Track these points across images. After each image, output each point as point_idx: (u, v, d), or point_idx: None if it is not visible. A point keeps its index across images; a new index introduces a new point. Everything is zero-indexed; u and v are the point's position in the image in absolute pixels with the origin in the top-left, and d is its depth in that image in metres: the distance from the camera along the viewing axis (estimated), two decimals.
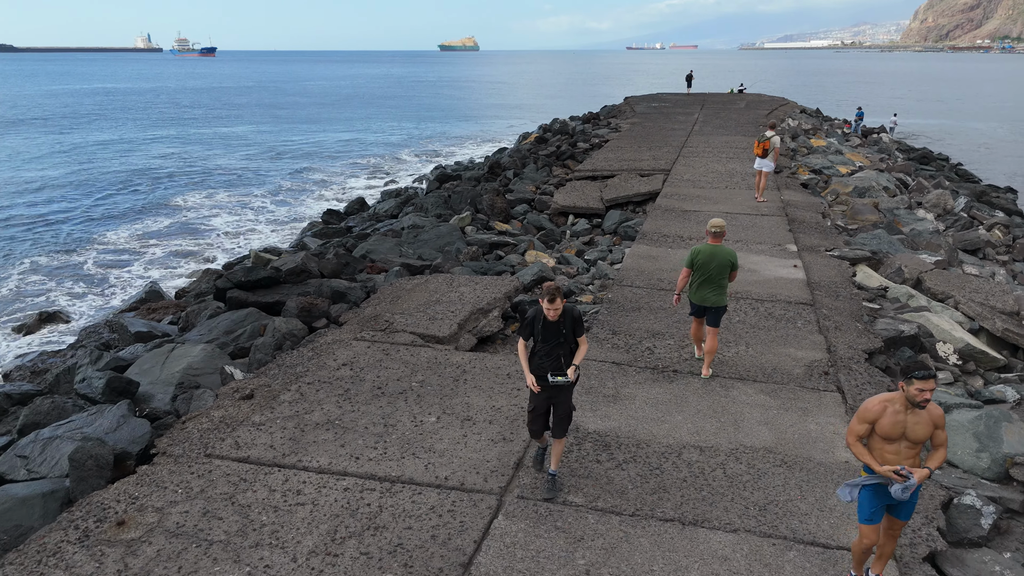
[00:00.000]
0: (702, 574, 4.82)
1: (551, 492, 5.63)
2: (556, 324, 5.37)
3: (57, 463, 7.02)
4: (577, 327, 5.45)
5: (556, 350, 5.40)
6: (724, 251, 7.50)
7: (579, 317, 5.47)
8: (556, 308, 5.26)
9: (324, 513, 5.46)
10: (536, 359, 5.47)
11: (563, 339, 5.41)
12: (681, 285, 7.75)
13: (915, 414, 4.36)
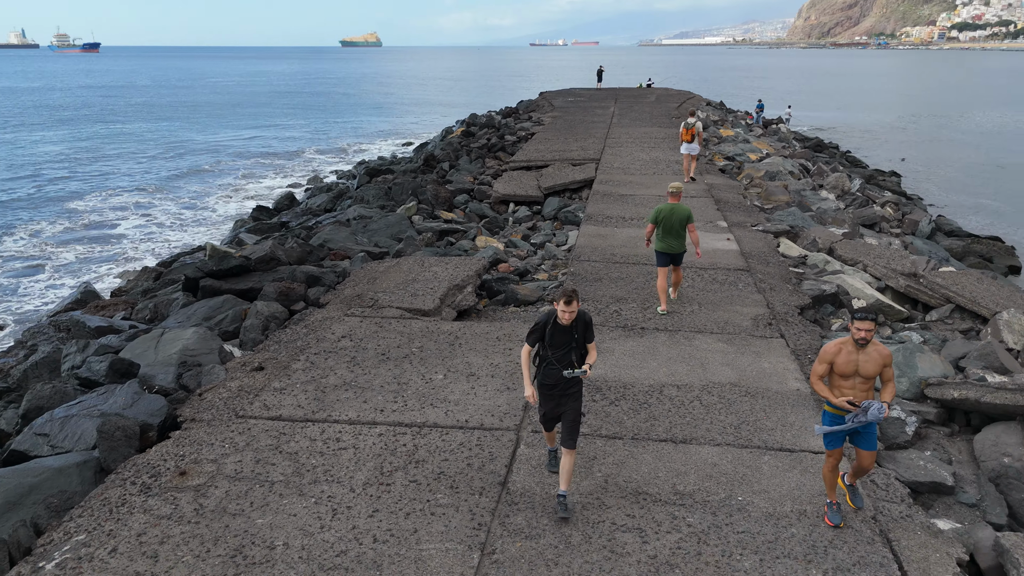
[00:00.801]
0: (698, 476, 5.86)
1: (564, 513, 5.38)
2: (568, 329, 5.25)
3: (80, 438, 7.37)
4: (588, 333, 5.36)
5: (567, 356, 5.28)
6: (682, 208, 9.11)
7: (590, 322, 5.39)
8: (572, 311, 5.14)
9: (366, 454, 6.18)
10: (545, 366, 5.34)
11: (574, 344, 5.30)
12: (648, 235, 9.43)
13: (865, 353, 5.16)
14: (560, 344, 5.26)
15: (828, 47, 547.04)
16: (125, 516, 5.50)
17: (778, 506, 5.49)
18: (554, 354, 5.28)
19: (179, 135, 47.76)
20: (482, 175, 21.80)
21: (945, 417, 7.42)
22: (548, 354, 5.31)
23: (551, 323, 5.27)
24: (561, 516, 5.35)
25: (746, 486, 5.72)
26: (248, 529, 5.24)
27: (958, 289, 11.44)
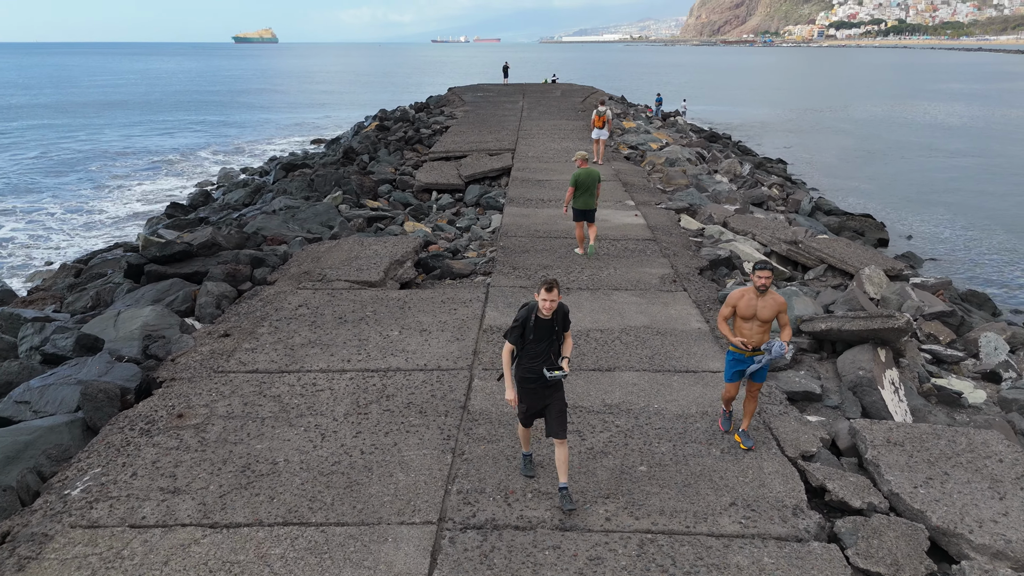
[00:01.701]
0: (622, 393, 7.16)
1: (569, 505, 5.39)
2: (549, 322, 5.25)
3: (61, 403, 7.97)
4: (565, 323, 5.39)
5: (547, 349, 5.28)
6: (592, 171, 11.39)
7: (567, 313, 5.41)
8: (554, 299, 5.15)
9: (342, 393, 7.15)
10: (525, 361, 5.33)
11: (554, 337, 5.30)
12: (568, 199, 11.47)
13: (764, 300, 6.02)
14: (542, 337, 5.25)
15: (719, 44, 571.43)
16: (135, 452, 6.28)
17: (685, 410, 6.85)
18: (535, 348, 5.25)
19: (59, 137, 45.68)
20: (403, 166, 22.66)
21: (816, 346, 9.06)
22: (529, 349, 5.28)
23: (533, 317, 5.24)
24: (568, 508, 5.34)
25: (660, 397, 7.06)
26: (250, 452, 6.14)
27: (830, 252, 13.34)
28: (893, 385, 8.13)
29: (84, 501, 5.61)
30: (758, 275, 6.02)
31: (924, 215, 24.89)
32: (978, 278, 18.36)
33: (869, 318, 8.37)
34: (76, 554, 4.97)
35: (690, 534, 5.13)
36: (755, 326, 6.11)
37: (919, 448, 6.43)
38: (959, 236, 22.23)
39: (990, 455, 6.38)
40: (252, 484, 5.69)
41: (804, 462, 6.18)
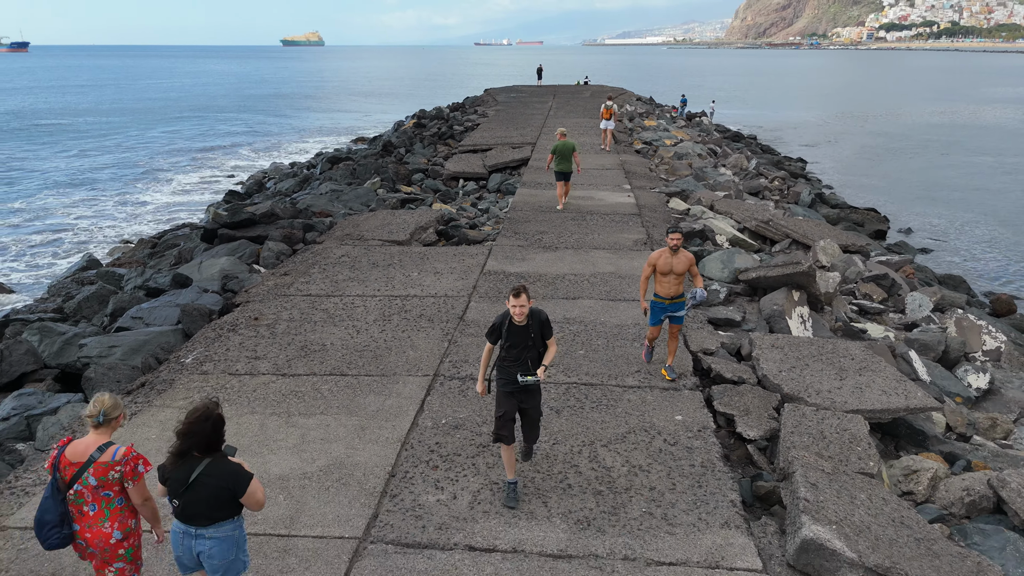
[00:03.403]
0: (580, 311, 9.54)
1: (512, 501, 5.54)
2: (524, 328, 5.25)
3: (165, 318, 10.66)
4: (545, 330, 5.36)
5: (524, 354, 5.27)
6: (569, 142, 14.93)
7: (547, 320, 5.39)
8: (522, 304, 5.16)
9: (372, 308, 9.68)
10: (504, 365, 5.35)
11: (531, 342, 5.28)
12: (549, 163, 15.12)
13: (676, 257, 7.35)
14: (517, 343, 5.25)
15: (763, 47, 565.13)
16: (225, 339, 8.89)
17: (623, 322, 9.21)
18: (511, 353, 5.27)
19: (119, 133, 49.43)
20: (435, 157, 25.27)
21: (750, 291, 11.30)
22: (506, 354, 5.30)
23: (507, 323, 5.26)
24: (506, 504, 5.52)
25: (606, 314, 9.44)
26: (307, 339, 8.70)
27: (794, 227, 15.48)
28: (801, 318, 10.34)
29: (195, 363, 8.22)
30: (670, 237, 7.31)
31: (931, 211, 26.56)
32: (962, 266, 20.14)
33: (783, 266, 10.60)
34: (193, 387, 7.56)
35: (602, 385, 7.51)
36: (672, 279, 7.44)
37: (793, 350, 8.68)
38: (959, 230, 23.92)
39: (846, 356, 8.59)
40: (308, 355, 8.24)
41: (702, 355, 8.48)
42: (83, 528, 3.99)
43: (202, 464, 3.81)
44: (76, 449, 3.98)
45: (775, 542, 5.29)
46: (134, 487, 3.98)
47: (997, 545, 5.88)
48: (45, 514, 3.93)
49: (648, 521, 5.33)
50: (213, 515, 3.84)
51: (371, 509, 5.47)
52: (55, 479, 3.96)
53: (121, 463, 3.93)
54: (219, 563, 3.90)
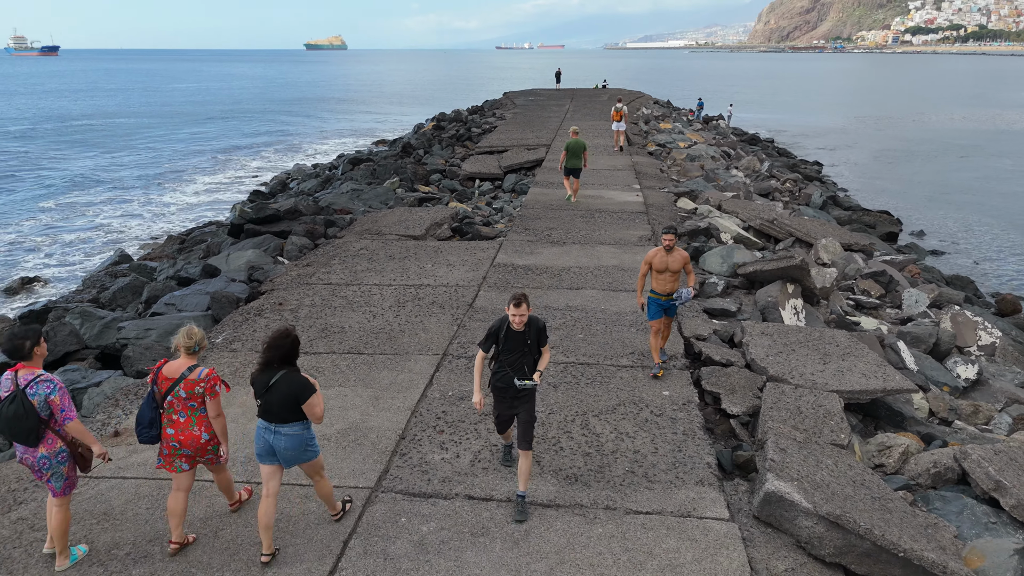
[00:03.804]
0: (582, 300, 10.15)
1: (521, 515, 5.45)
2: (521, 335, 5.33)
3: (196, 305, 11.42)
4: (541, 337, 5.43)
5: (520, 360, 5.35)
6: (579, 141, 15.86)
7: (543, 328, 5.46)
8: (522, 313, 5.24)
9: (388, 296, 10.36)
10: (500, 371, 5.43)
11: (527, 349, 5.35)
12: (562, 160, 15.92)
13: (671, 255, 7.69)
14: (513, 349, 5.34)
15: (787, 51, 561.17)
16: (252, 322, 9.61)
17: (621, 310, 9.80)
18: (507, 359, 5.36)
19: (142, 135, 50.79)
20: (452, 158, 25.99)
21: (748, 284, 11.83)
22: (502, 359, 5.39)
23: (504, 329, 5.35)
24: (517, 519, 5.43)
25: (606, 303, 10.04)
26: (327, 322, 9.39)
27: (797, 226, 15.96)
28: (794, 309, 10.86)
29: (224, 342, 8.95)
30: (664, 237, 7.75)
31: (945, 214, 26.78)
32: (973, 268, 20.41)
33: (777, 260, 11.13)
34: (223, 363, 8.27)
35: (597, 365, 8.12)
36: (667, 276, 7.83)
37: (782, 337, 9.21)
38: (972, 233, 24.16)
39: (831, 343, 9.11)
40: (328, 336, 8.93)
41: (694, 339, 9.05)
42: (176, 432, 4.95)
43: (279, 373, 4.79)
44: (171, 368, 4.98)
45: (744, 499, 5.86)
46: (211, 401, 4.94)
47: (955, 510, 6.40)
48: (142, 417, 4.95)
49: (630, 478, 5.93)
50: (285, 416, 4.78)
51: (383, 465, 6.12)
52: (152, 391, 4.97)
53: (204, 381, 4.90)
54: (290, 455, 4.86)
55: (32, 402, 4.64)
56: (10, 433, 4.66)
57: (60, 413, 4.73)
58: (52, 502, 4.88)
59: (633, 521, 5.39)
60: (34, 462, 4.76)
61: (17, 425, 4.61)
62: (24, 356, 4.74)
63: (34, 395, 4.66)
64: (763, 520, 5.54)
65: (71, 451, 4.82)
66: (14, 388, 4.67)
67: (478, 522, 5.37)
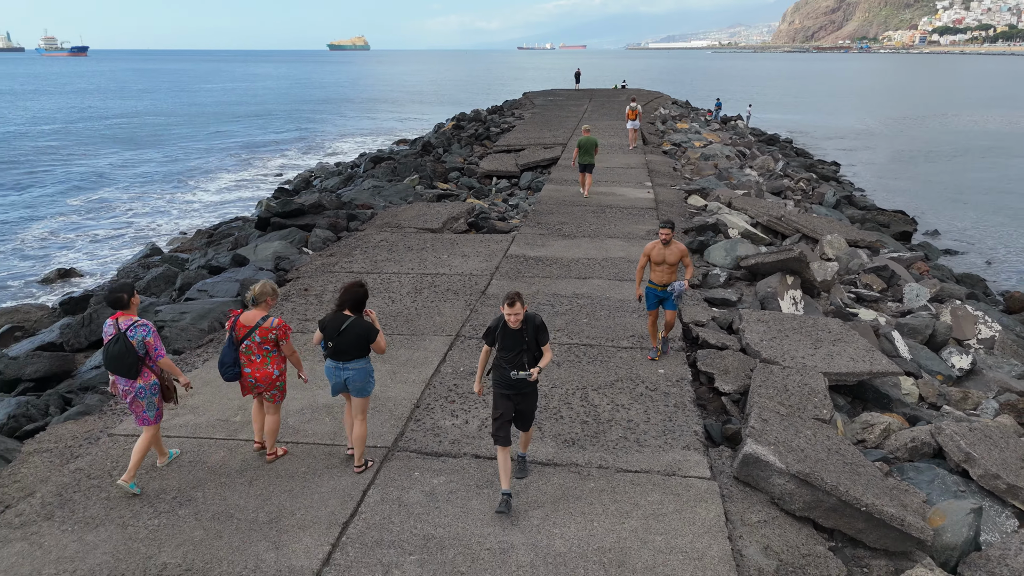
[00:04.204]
0: (588, 289, 10.72)
1: (521, 472, 5.95)
2: (519, 332, 5.38)
3: (227, 291, 12.15)
4: (540, 335, 5.47)
5: (518, 358, 5.41)
6: (590, 138, 16.80)
7: (542, 325, 5.50)
8: (516, 312, 5.28)
9: (406, 283, 11.01)
10: (500, 367, 5.50)
11: (525, 347, 5.39)
12: (575, 157, 16.62)
13: (668, 248, 8.06)
14: (511, 347, 5.39)
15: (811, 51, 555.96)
16: (279, 306, 10.31)
17: (625, 298, 10.37)
18: (506, 356, 5.42)
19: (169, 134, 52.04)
20: (470, 157, 26.64)
21: (750, 277, 12.33)
22: (501, 356, 5.46)
23: (501, 326, 5.42)
24: (518, 476, 5.97)
25: (611, 292, 10.61)
26: None
27: (804, 223, 16.39)
28: (793, 300, 11.35)
29: None
30: (661, 231, 8.08)
31: (962, 214, 26.94)
32: (985, 267, 20.64)
33: (777, 252, 11.62)
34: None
35: (599, 346, 8.70)
36: (664, 268, 8.21)
37: (777, 324, 9.73)
38: (987, 233, 24.35)
39: (824, 329, 9.61)
40: None
41: (693, 325, 9.60)
42: (253, 371, 6.00)
43: (349, 319, 5.74)
44: (247, 317, 6.01)
45: (727, 463, 6.42)
46: (285, 343, 6.01)
47: (927, 479, 6.90)
48: (224, 358, 5.97)
49: (622, 443, 6.51)
50: (354, 354, 5.78)
51: (399, 428, 6.76)
52: (231, 336, 5.99)
53: (276, 328, 5.96)
54: (358, 386, 5.89)
55: (131, 343, 5.61)
56: (114, 368, 5.66)
57: (154, 352, 5.73)
58: (145, 431, 5.87)
59: (623, 478, 5.97)
60: (133, 393, 5.75)
61: (120, 361, 5.60)
62: (123, 306, 5.72)
63: (133, 337, 5.64)
64: (742, 480, 6.09)
65: (160, 384, 5.82)
66: (116, 332, 5.65)
67: (483, 477, 5.98)
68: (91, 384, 9.00)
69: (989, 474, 6.72)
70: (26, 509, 5.64)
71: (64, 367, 9.63)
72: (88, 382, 9.07)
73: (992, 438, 7.46)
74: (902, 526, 5.51)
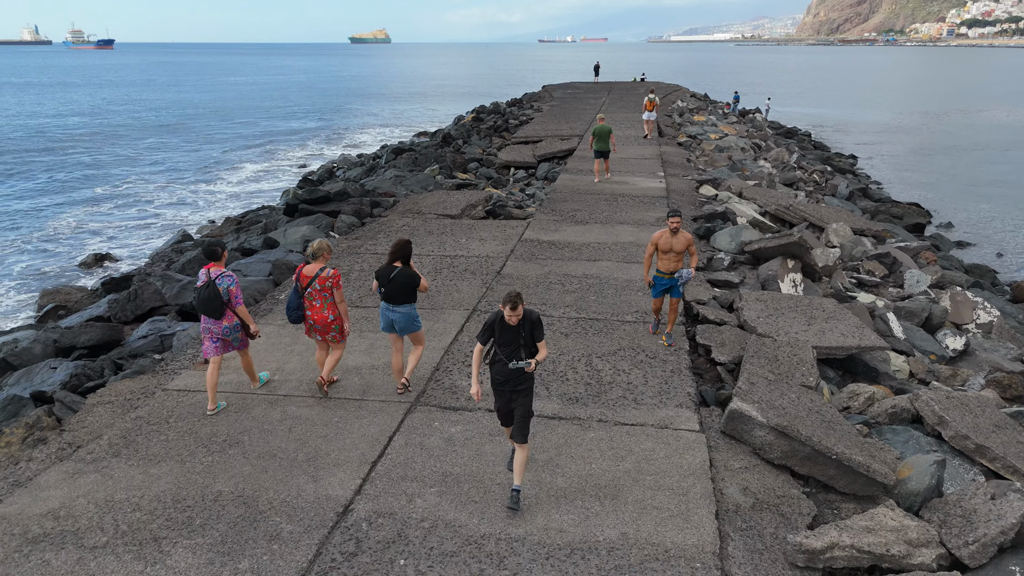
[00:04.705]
0: (598, 270, 11.40)
1: (514, 504, 5.61)
2: (516, 328, 5.48)
3: (259, 272, 12.98)
4: (536, 331, 5.56)
5: (515, 353, 5.50)
6: (605, 126, 17.82)
7: (538, 321, 5.59)
8: (517, 315, 5.40)
9: (427, 264, 11.77)
10: (496, 364, 5.60)
11: (522, 342, 5.50)
12: (591, 143, 17.74)
13: (676, 237, 8.39)
14: (508, 342, 5.50)
15: (836, 44, 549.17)
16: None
17: (632, 278, 11.05)
18: (503, 351, 5.52)
19: (194, 126, 53.25)
20: (489, 148, 27.35)
21: (753, 261, 12.94)
22: (497, 351, 5.57)
23: (499, 321, 5.53)
24: (509, 507, 5.61)
25: (619, 273, 11.30)
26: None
27: (811, 212, 16.93)
28: (793, 282, 11.95)
29: (285, 299, 10.44)
30: (670, 220, 8.36)
31: (978, 207, 27.19)
32: (997, 259, 20.98)
33: (778, 237, 12.22)
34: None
35: (605, 320, 9.40)
36: (671, 257, 8.54)
37: (774, 303, 10.35)
38: (1002, 225, 24.64)
39: (819, 308, 10.22)
40: (375, 295, 10.38)
41: (695, 303, 10.25)
42: (313, 314, 7.20)
43: (397, 269, 7.10)
44: (308, 269, 7.19)
45: (716, 421, 7.10)
46: (337, 291, 7.17)
47: (902, 439, 7.53)
48: (291, 303, 7.20)
49: (621, 402, 7.22)
50: (401, 299, 7.08)
51: (421, 387, 7.52)
52: (296, 285, 7.19)
53: (331, 278, 7.12)
54: (403, 325, 7.20)
55: (219, 289, 6.84)
56: (204, 309, 6.91)
57: (234, 299, 6.96)
58: (241, 355, 7.36)
59: (620, 430, 6.68)
60: (219, 331, 6.99)
61: (209, 304, 6.85)
62: (217, 258, 7.01)
63: (220, 284, 6.87)
64: (727, 434, 6.77)
65: (241, 323, 7.08)
66: (207, 279, 6.89)
67: (495, 428, 6.71)
68: (139, 351, 9.86)
69: (960, 435, 7.32)
70: (96, 448, 6.46)
71: (114, 336, 10.51)
72: (136, 350, 9.93)
73: (968, 406, 8.05)
74: (868, 472, 6.16)
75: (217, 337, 7.00)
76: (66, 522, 5.42)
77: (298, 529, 5.31)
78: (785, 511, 5.79)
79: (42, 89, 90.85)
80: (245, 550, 5.09)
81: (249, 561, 4.99)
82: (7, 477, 6.07)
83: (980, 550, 5.37)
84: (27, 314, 16.16)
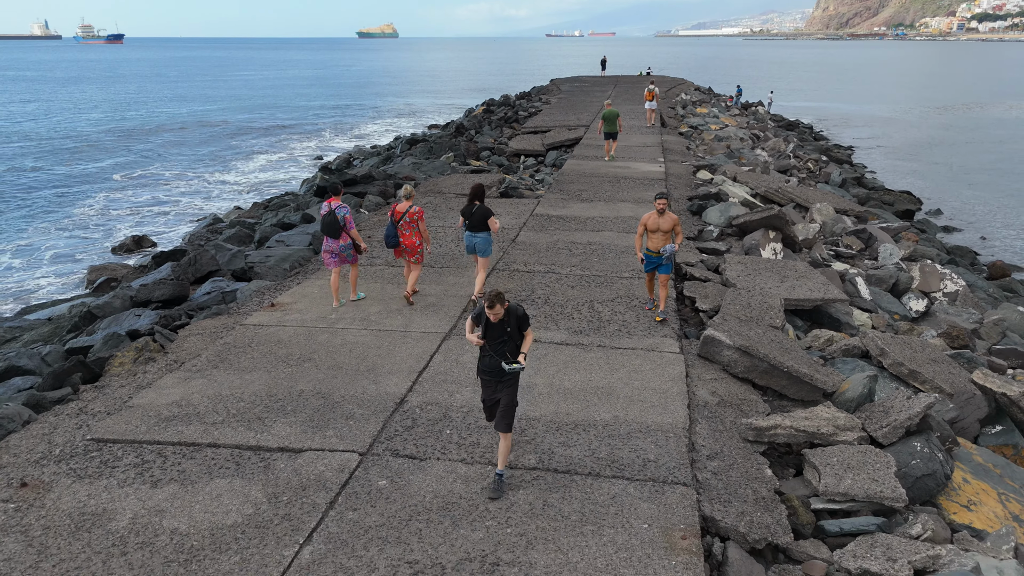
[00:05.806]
0: (600, 239, 12.99)
1: (496, 492, 5.71)
2: (500, 324, 5.60)
3: (299, 242, 14.62)
4: (522, 324, 5.70)
5: (502, 347, 5.62)
6: (614, 110, 20.48)
7: (524, 315, 5.71)
8: (496, 313, 5.50)
9: (448, 234, 13.39)
10: (485, 357, 5.72)
11: (507, 336, 5.62)
12: (600, 127, 19.67)
13: (663, 218, 9.21)
14: (494, 337, 5.64)
15: (845, 38, 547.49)
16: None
17: (629, 246, 12.63)
18: (490, 344, 5.65)
19: (207, 118, 55.04)
20: (500, 138, 28.95)
21: (739, 234, 14.51)
22: (486, 345, 5.66)
23: (483, 317, 5.66)
24: (492, 496, 5.70)
25: (619, 241, 12.92)
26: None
27: (798, 193, 18.47)
28: (773, 251, 13.52)
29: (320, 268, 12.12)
30: (657, 202, 9.23)
31: (969, 195, 28.62)
32: (980, 243, 22.39)
33: (761, 211, 13.79)
34: (325, 275, 11.41)
35: (605, 276, 11.02)
36: (659, 235, 9.35)
37: (753, 265, 11.93)
38: (990, 212, 26.06)
39: (792, 269, 11.80)
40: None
41: (684, 264, 11.84)
42: (404, 239, 9.64)
43: (476, 206, 9.51)
44: (399, 207, 9.63)
45: (694, 348, 8.71)
46: (421, 223, 9.65)
47: (850, 368, 9.11)
48: (388, 232, 9.60)
49: (617, 334, 8.84)
50: (480, 227, 9.55)
51: (452, 323, 9.18)
52: (392, 219, 9.58)
53: (417, 213, 9.61)
54: (482, 247, 9.69)
55: (337, 216, 8.91)
56: (326, 231, 9.37)
57: (349, 224, 9.40)
58: (352, 267, 9.87)
59: (615, 352, 8.30)
60: (338, 249, 9.49)
61: (331, 227, 9.33)
62: (336, 192, 9.54)
63: (338, 212, 8.95)
64: (702, 356, 8.38)
65: (353, 243, 9.49)
66: (329, 209, 8.93)
67: None
68: (206, 304, 11.52)
69: (896, 363, 8.90)
70: (197, 363, 8.13)
71: (182, 293, 12.18)
72: (203, 303, 11.60)
73: (910, 345, 9.63)
74: (811, 381, 7.76)
75: (335, 252, 9.41)
76: (188, 408, 7.09)
77: (367, 412, 6.95)
78: (744, 408, 7.40)
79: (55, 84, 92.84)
80: (328, 424, 6.75)
81: (333, 430, 6.64)
82: (132, 383, 7.74)
83: (891, 432, 6.95)
84: (76, 291, 17.31)
